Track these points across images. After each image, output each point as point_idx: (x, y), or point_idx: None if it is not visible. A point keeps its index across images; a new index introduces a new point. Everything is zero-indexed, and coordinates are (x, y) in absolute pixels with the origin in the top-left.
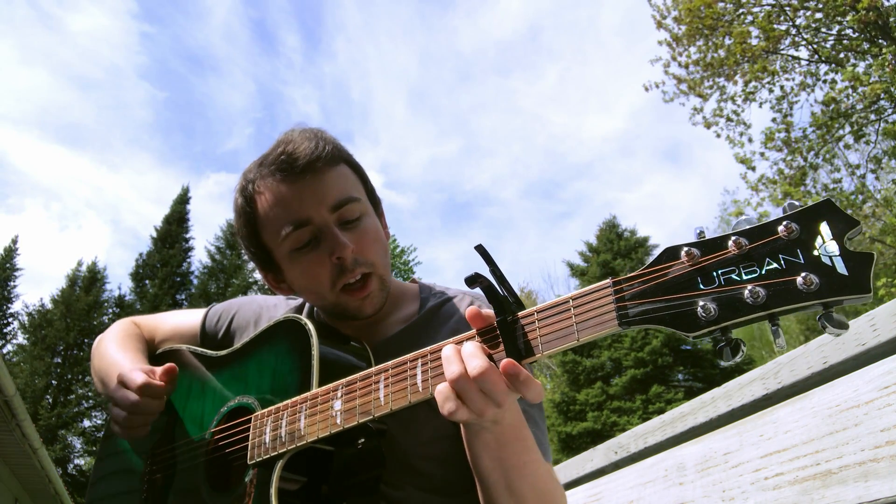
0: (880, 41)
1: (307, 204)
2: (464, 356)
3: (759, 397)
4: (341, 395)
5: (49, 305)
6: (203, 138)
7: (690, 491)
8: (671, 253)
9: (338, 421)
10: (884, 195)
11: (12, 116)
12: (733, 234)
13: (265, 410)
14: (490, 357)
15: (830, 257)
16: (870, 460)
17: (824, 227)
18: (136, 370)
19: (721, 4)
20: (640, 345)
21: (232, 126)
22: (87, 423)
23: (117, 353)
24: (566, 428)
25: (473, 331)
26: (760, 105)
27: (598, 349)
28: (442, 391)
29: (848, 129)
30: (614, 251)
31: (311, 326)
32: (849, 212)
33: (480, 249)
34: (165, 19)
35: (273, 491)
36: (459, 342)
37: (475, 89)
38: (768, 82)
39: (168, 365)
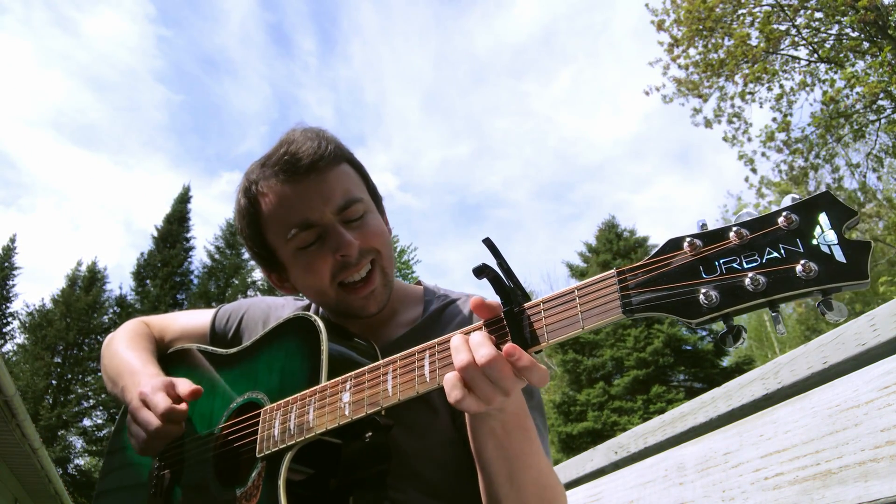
0: (880, 40)
1: (312, 205)
2: (472, 345)
3: (759, 397)
4: (350, 388)
5: (49, 305)
6: (217, 140)
7: (690, 491)
8: (674, 244)
9: (346, 412)
10: (885, 194)
11: (28, 118)
12: (734, 226)
13: (274, 404)
14: (497, 346)
15: (829, 246)
16: (870, 460)
17: (823, 218)
18: (158, 390)
19: (720, 6)
20: (642, 345)
21: (247, 128)
22: (87, 422)
23: (127, 352)
24: (567, 428)
25: (481, 322)
26: (760, 105)
27: (600, 348)
28: (450, 380)
29: (848, 128)
30: (614, 251)
31: (320, 323)
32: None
33: (488, 242)
34: (182, 23)
35: (281, 483)
36: (468, 332)
37: (488, 92)
38: (768, 80)
39: (195, 388)
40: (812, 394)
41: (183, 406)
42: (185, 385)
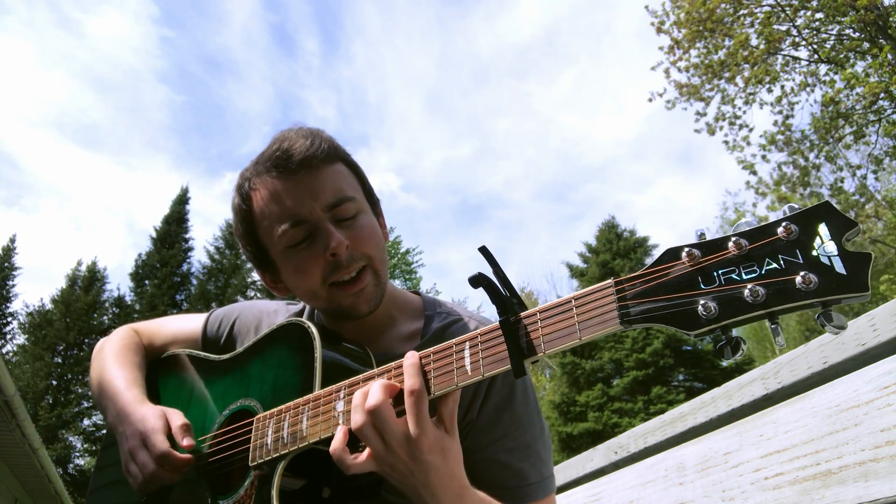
0: (880, 40)
1: (302, 201)
2: (369, 392)
3: (759, 397)
4: (344, 396)
5: (49, 305)
6: (220, 141)
7: (690, 491)
8: (672, 253)
9: (340, 422)
10: (884, 195)
11: (31, 119)
12: (733, 236)
13: (267, 412)
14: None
15: (829, 257)
16: (870, 460)
17: (823, 228)
18: (159, 432)
19: (722, 6)
20: (641, 346)
21: (249, 129)
22: (86, 422)
23: (114, 369)
24: (567, 428)
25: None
26: (761, 106)
27: (599, 350)
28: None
29: (848, 129)
30: (613, 251)
31: (314, 329)
32: (851, 213)
33: (484, 251)
34: (186, 23)
35: (274, 492)
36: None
37: (491, 92)
38: (769, 81)
39: (185, 426)
40: (812, 394)
41: (184, 458)
42: (177, 421)
